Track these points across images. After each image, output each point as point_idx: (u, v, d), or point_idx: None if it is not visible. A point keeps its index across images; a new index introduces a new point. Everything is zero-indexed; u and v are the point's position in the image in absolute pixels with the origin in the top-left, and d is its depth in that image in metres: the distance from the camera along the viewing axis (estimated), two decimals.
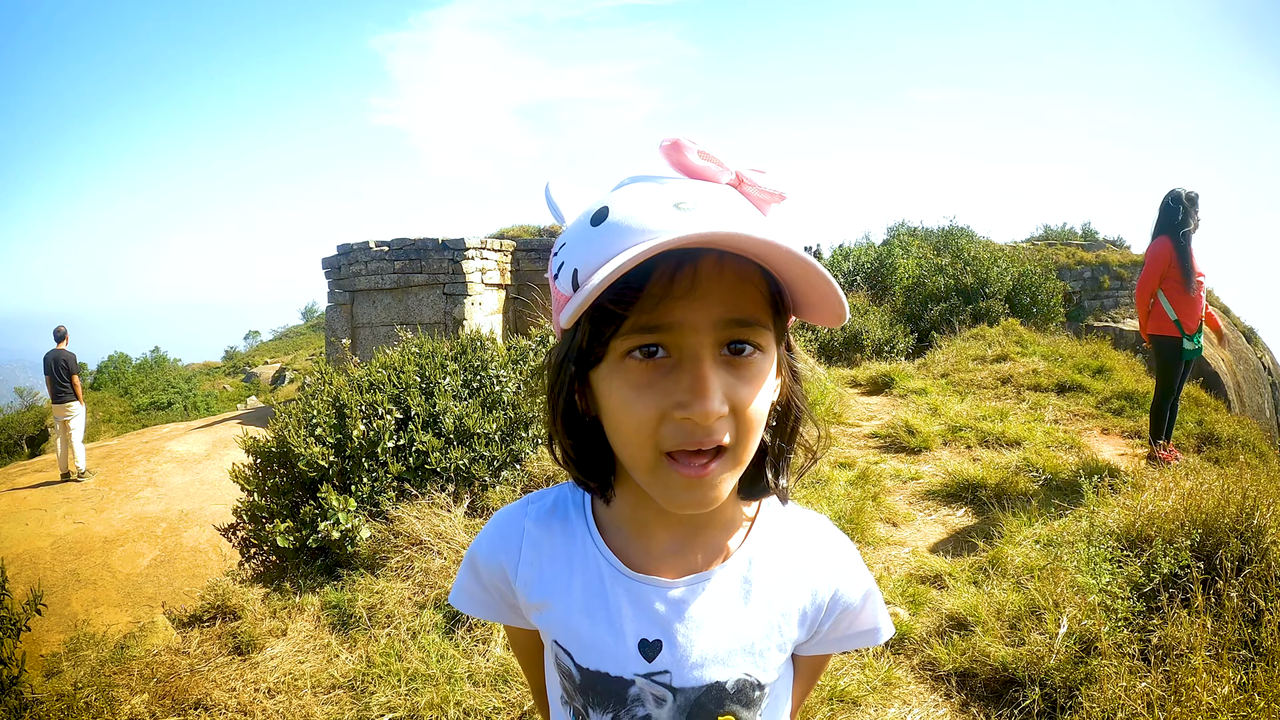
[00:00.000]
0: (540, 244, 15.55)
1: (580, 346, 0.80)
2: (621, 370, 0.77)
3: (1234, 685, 2.52)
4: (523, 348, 5.92)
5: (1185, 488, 3.78)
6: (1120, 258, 18.05)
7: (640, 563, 0.92)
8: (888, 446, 6.38)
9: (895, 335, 11.10)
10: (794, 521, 0.99)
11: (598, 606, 0.92)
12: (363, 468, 4.54)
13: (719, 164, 0.78)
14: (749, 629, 0.92)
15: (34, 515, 9.20)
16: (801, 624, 0.95)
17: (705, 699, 0.90)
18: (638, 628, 0.90)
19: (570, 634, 0.93)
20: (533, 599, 0.97)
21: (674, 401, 0.75)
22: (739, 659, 0.91)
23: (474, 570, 1.03)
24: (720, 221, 0.71)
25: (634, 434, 0.78)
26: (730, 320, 0.76)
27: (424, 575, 4.01)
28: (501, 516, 1.02)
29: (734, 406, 0.77)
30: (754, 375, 0.78)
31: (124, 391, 34.82)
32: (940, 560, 4.05)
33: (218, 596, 4.07)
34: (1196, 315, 5.47)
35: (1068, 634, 2.99)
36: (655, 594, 0.90)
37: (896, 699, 2.98)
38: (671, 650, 0.89)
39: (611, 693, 0.91)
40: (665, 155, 0.78)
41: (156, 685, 3.43)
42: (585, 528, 0.96)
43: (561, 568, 0.95)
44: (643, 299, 0.73)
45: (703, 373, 0.74)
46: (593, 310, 0.75)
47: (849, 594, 0.98)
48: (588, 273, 0.72)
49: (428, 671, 3.25)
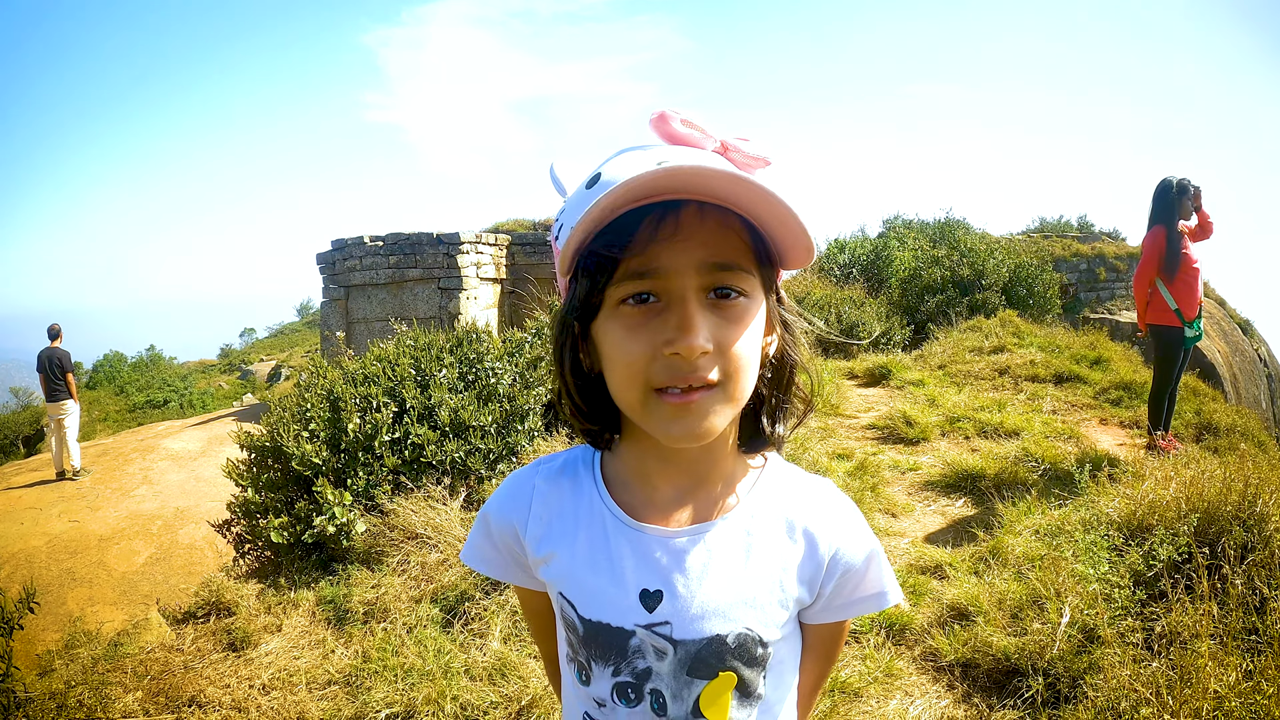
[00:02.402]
0: (535, 238, 15.53)
1: (579, 299, 0.85)
2: (617, 316, 0.84)
3: (1240, 673, 2.50)
4: (518, 340, 5.89)
5: (1186, 476, 3.76)
6: (1116, 250, 18.07)
7: (644, 514, 0.95)
8: (886, 438, 6.36)
9: (892, 327, 11.08)
10: (798, 481, 1.01)
11: (601, 557, 0.95)
12: (358, 461, 4.51)
13: (703, 131, 0.84)
14: (750, 582, 0.93)
15: (29, 514, 9.16)
16: (802, 581, 0.96)
17: (706, 652, 0.91)
18: (639, 578, 0.93)
19: (574, 584, 0.96)
20: (540, 552, 1.00)
21: (663, 339, 0.81)
22: (740, 611, 0.92)
23: (486, 529, 1.08)
24: (692, 163, 0.76)
25: (626, 370, 0.83)
26: (713, 264, 0.82)
27: (420, 569, 3.99)
28: (513, 477, 1.07)
29: (720, 346, 0.82)
30: (738, 317, 0.84)
31: (119, 390, 34.78)
32: (940, 551, 4.03)
33: (212, 593, 4.05)
34: (1195, 302, 5.47)
35: (1070, 623, 2.96)
36: (657, 544, 0.93)
37: (898, 690, 2.95)
38: (672, 600, 0.91)
39: (613, 644, 0.93)
40: (654, 127, 0.85)
41: (150, 682, 3.40)
42: (593, 482, 0.99)
43: (568, 521, 0.99)
44: (632, 244, 0.80)
45: (688, 311, 0.80)
46: (588, 261, 0.82)
47: (850, 554, 0.98)
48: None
49: (424, 667, 3.21)
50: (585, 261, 0.83)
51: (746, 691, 0.94)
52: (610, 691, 0.94)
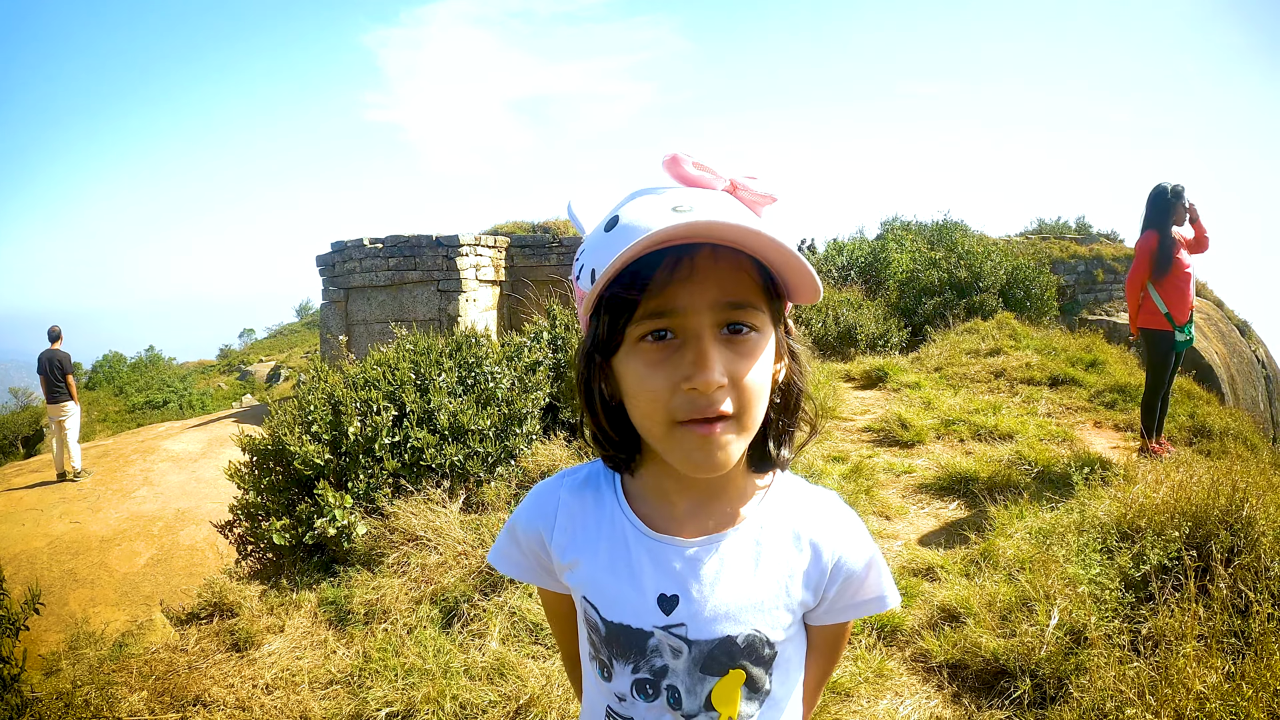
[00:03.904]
0: (534, 240, 15.54)
1: (601, 336, 0.91)
2: (636, 352, 0.89)
3: (1223, 674, 2.55)
4: (517, 344, 5.93)
5: (1176, 480, 3.81)
6: (1114, 251, 18.11)
7: (661, 525, 1.02)
8: (881, 440, 6.40)
9: (889, 329, 11.12)
10: (803, 494, 1.09)
11: (622, 564, 1.02)
12: (359, 464, 4.55)
13: (713, 173, 0.90)
14: (758, 588, 1.00)
15: (30, 515, 9.18)
16: (807, 586, 1.03)
17: (718, 651, 0.99)
18: (657, 583, 1.00)
19: (597, 589, 1.04)
20: (565, 559, 1.08)
21: (681, 375, 0.86)
22: (749, 615, 0.99)
23: (513, 537, 1.15)
24: (708, 216, 0.81)
25: (649, 405, 0.89)
26: (726, 303, 0.87)
27: (420, 571, 4.03)
28: (539, 489, 1.14)
29: (734, 379, 0.87)
30: (750, 351, 0.89)
31: (119, 391, 34.72)
32: (932, 553, 4.08)
33: (215, 594, 4.09)
34: (1187, 306, 5.51)
35: (1058, 625, 3.01)
36: (674, 553, 1.00)
37: (889, 690, 3.00)
38: (687, 604, 0.98)
39: (633, 644, 1.00)
40: (666, 169, 0.91)
41: (155, 682, 3.44)
42: (614, 496, 1.07)
43: (591, 531, 1.06)
44: (650, 286, 0.85)
45: (704, 348, 0.86)
46: (609, 302, 0.88)
47: (852, 561, 1.05)
48: (601, 268, 0.84)
49: (424, 666, 3.26)
50: (606, 301, 0.88)
51: (755, 687, 1.01)
52: (630, 687, 1.02)
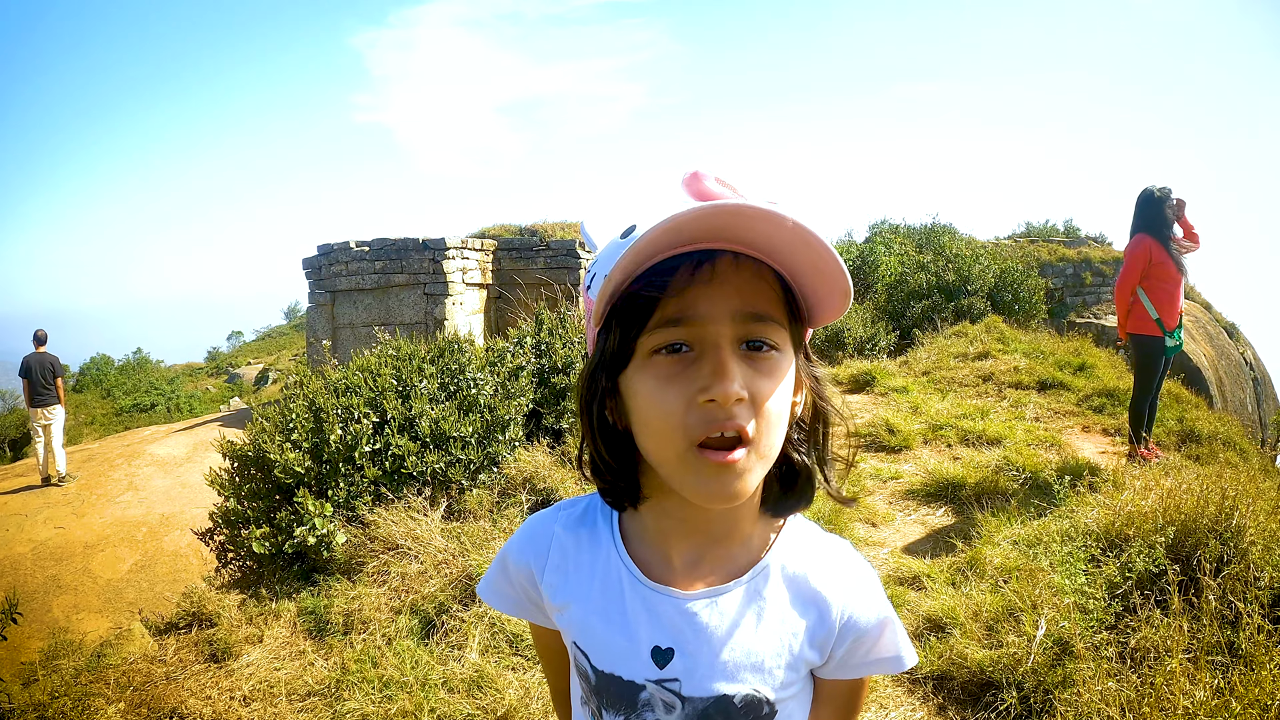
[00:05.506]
0: (522, 243, 15.49)
1: (612, 349, 0.86)
2: (649, 366, 0.83)
3: (1211, 690, 2.52)
4: (500, 349, 5.89)
5: (1165, 487, 3.79)
6: (1102, 254, 18.15)
7: (659, 573, 0.96)
8: (868, 445, 6.38)
9: (877, 333, 11.11)
10: (813, 544, 1.01)
11: (615, 612, 0.96)
12: (339, 472, 4.50)
13: (734, 190, 0.83)
14: (759, 646, 0.93)
15: (14, 520, 9.10)
16: (813, 645, 0.96)
17: (713, 710, 0.92)
18: (652, 635, 0.94)
19: (588, 636, 0.98)
20: (556, 601, 1.01)
21: (698, 387, 0.80)
22: (747, 675, 0.93)
23: (504, 569, 1.09)
24: (735, 200, 0.77)
25: (663, 423, 0.82)
26: (747, 314, 0.82)
27: (400, 580, 3.98)
28: (534, 521, 1.08)
29: (754, 397, 0.81)
30: (771, 370, 0.84)
31: (106, 393, 34.52)
32: (919, 561, 4.05)
33: (194, 603, 4.04)
34: (1176, 312, 5.52)
35: (1045, 636, 2.98)
36: (671, 604, 0.94)
37: (874, 701, 2.97)
38: (683, 659, 0.92)
39: (623, 696, 0.95)
40: (685, 186, 0.84)
41: (132, 694, 3.40)
42: (610, 536, 1.00)
43: (585, 573, 1.00)
44: (669, 287, 0.80)
45: (723, 358, 0.80)
46: (623, 306, 0.83)
47: (862, 619, 0.97)
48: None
49: (402, 678, 3.22)
50: (620, 305, 0.83)
51: None
52: None
